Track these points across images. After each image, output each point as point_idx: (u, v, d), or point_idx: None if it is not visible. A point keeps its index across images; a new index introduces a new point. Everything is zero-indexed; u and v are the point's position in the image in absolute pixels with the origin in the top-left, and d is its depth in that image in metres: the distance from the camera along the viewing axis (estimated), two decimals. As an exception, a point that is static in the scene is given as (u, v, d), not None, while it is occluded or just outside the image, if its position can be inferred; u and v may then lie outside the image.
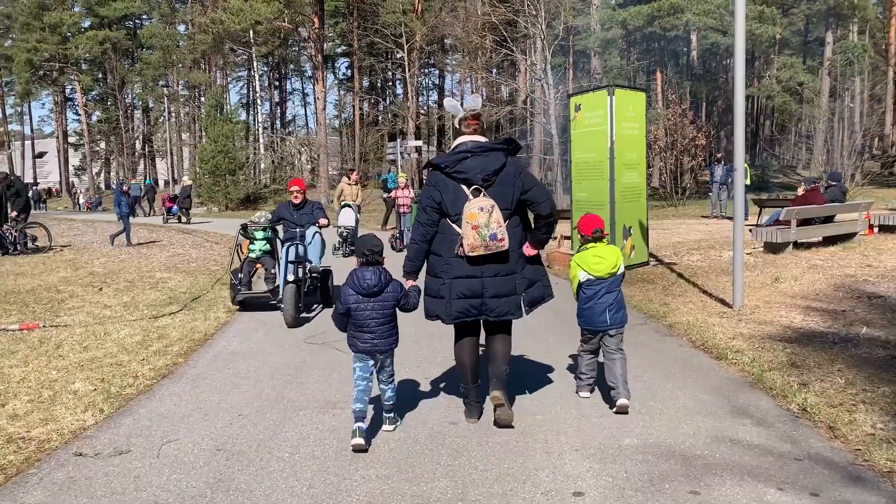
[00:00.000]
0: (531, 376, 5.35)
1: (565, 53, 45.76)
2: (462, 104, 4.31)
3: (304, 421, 4.33)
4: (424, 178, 7.84)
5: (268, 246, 8.48)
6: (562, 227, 17.05)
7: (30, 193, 46.58)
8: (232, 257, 8.72)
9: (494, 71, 37.89)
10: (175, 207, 26.03)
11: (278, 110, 58.92)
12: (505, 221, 3.95)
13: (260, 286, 8.21)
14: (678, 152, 26.84)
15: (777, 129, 45.92)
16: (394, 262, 4.49)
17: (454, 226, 4.02)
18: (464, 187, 4.00)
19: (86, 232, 21.24)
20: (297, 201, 8.24)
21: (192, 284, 9.94)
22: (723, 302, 7.86)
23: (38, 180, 70.72)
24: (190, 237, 18.69)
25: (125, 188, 16.40)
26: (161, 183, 56.12)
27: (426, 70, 54.32)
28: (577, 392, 4.78)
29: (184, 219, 25.56)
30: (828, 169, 21.24)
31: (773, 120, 47.65)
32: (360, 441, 3.77)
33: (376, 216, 26.04)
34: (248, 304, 8.25)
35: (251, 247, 8.44)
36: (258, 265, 8.34)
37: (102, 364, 5.64)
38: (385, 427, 4.14)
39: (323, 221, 8.12)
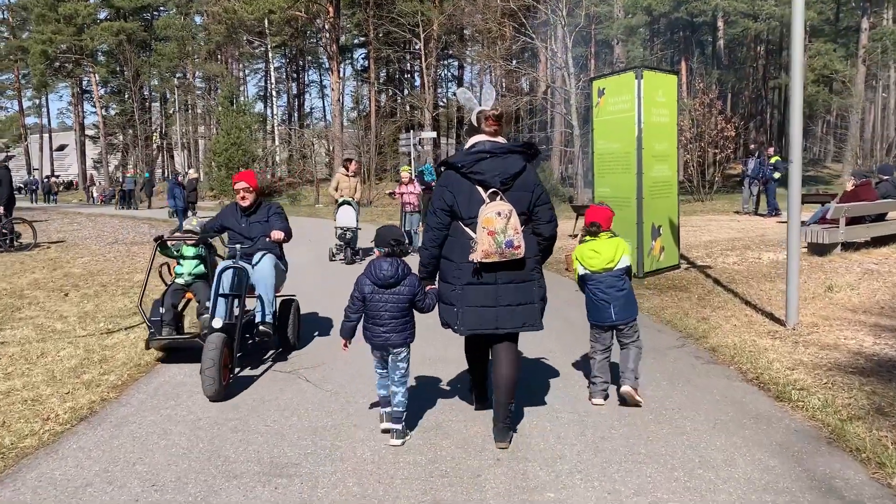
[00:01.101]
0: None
1: (586, 43, 44.36)
2: (480, 96, 3.99)
3: (232, 498, 3.25)
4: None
5: (201, 268, 6.03)
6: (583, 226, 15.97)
7: (38, 186, 46.51)
8: (145, 283, 5.83)
9: (514, 60, 36.56)
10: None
11: (296, 102, 58.13)
12: (521, 227, 3.74)
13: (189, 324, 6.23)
14: (705, 144, 25.45)
15: (805, 120, 44.04)
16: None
17: (467, 229, 3.80)
18: (480, 189, 3.79)
19: (85, 227, 20.43)
20: (245, 203, 5.81)
21: (169, 289, 8.91)
22: (772, 318, 6.67)
23: (59, 173, 70.78)
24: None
25: (180, 179, 15.07)
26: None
27: (445, 62, 53.24)
28: (590, 398, 4.51)
29: (190, 212, 24.62)
30: (871, 163, 19.73)
31: (809, 110, 45.82)
32: (389, 425, 3.89)
33: (377, 215, 24.92)
34: (173, 350, 5.78)
35: (177, 269, 6.12)
36: (187, 294, 5.94)
37: (15, 400, 4.60)
38: (391, 441, 3.84)
39: (277, 235, 5.61)
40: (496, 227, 3.62)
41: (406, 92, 48.61)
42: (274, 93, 51.30)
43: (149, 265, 5.84)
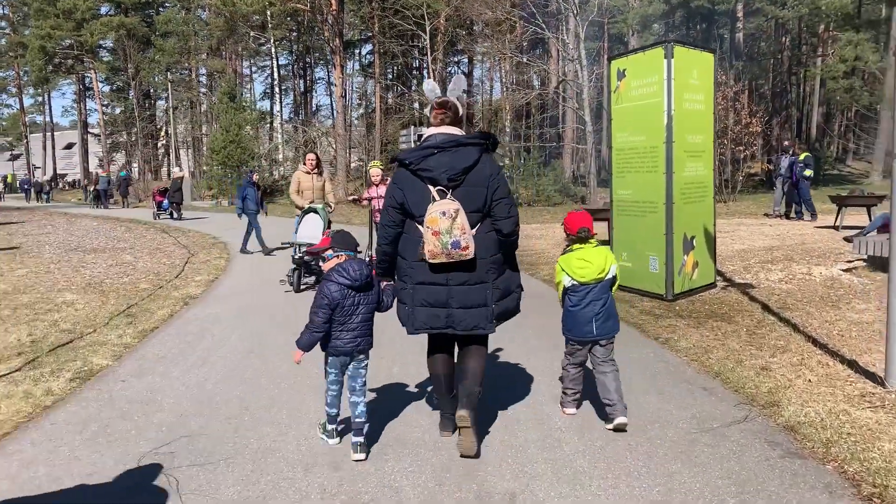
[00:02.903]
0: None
1: (599, 38, 42.51)
2: (448, 87, 3.86)
3: None
4: None
5: None
6: (600, 231, 14.11)
7: (29, 185, 45.21)
8: None
9: (524, 52, 34.78)
10: (166, 202, 23.57)
11: (303, 99, 56.64)
12: (475, 226, 3.59)
13: None
14: (729, 140, 23.57)
15: (823, 116, 41.98)
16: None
17: (419, 227, 3.61)
18: (430, 187, 3.58)
19: (58, 230, 18.86)
20: None
21: (90, 316, 7.26)
22: (858, 369, 4.92)
23: (66, 171, 69.67)
24: (162, 238, 16.13)
25: (254, 177, 13.29)
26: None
27: (454, 59, 51.54)
28: (561, 408, 4.36)
29: (175, 214, 23.07)
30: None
31: (826, 107, 43.69)
32: (336, 441, 3.78)
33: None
34: None
35: None
36: None
37: None
38: (355, 456, 3.66)
39: None
40: (441, 227, 3.47)
41: (413, 87, 46.95)
42: (277, 90, 49.70)
43: None
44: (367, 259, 7.98)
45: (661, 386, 4.79)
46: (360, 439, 3.68)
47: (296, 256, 8.47)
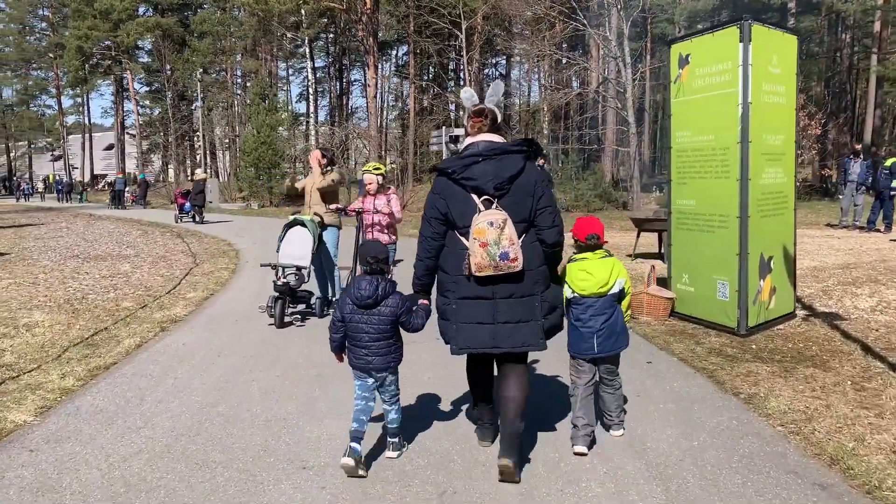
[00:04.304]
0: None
1: (642, 38, 40.72)
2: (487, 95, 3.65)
3: None
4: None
5: None
6: (649, 244, 12.85)
7: (62, 185, 45.17)
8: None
9: (563, 59, 33.18)
10: (188, 204, 22.68)
11: (339, 101, 55.90)
12: (520, 236, 3.41)
13: None
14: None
15: (880, 119, 39.41)
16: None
17: (462, 239, 3.46)
18: (474, 196, 3.44)
19: (71, 233, 18.03)
20: None
21: (45, 344, 6.13)
22: None
23: (107, 171, 69.90)
24: (174, 244, 15.12)
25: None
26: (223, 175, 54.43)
27: (492, 60, 50.25)
28: (572, 445, 3.78)
29: (197, 217, 22.15)
30: None
31: (882, 109, 41.11)
32: (349, 461, 3.40)
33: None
34: None
35: None
36: None
37: None
38: (388, 454, 3.70)
39: None
40: (488, 238, 3.31)
41: (449, 89, 45.71)
42: (312, 91, 48.90)
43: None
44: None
45: (758, 480, 3.42)
46: (394, 439, 3.73)
47: (278, 282, 6.74)
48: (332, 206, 7.16)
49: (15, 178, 58.45)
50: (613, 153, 32.54)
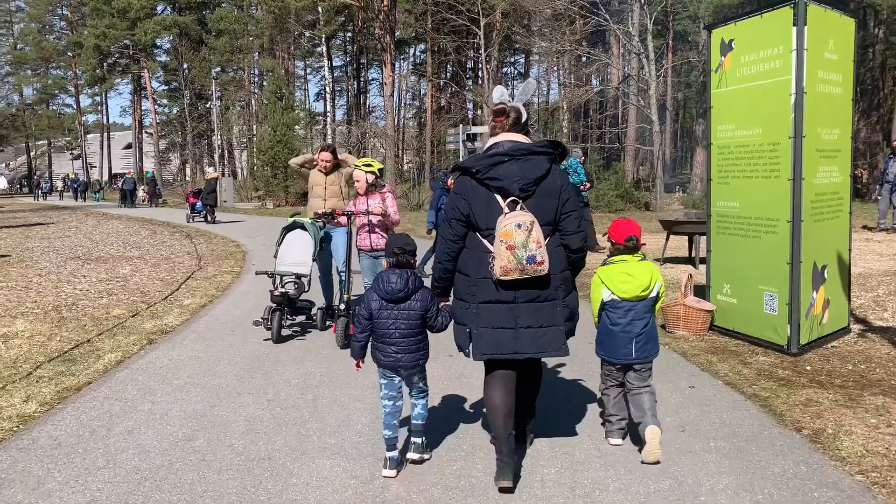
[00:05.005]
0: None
1: (663, 35, 39.78)
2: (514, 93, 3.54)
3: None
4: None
5: None
6: (679, 247, 12.06)
7: (77, 184, 45.08)
8: None
9: (583, 57, 32.33)
10: (199, 204, 22.22)
11: (357, 100, 55.43)
12: (546, 239, 3.30)
13: None
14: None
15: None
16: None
17: (484, 241, 3.35)
18: (498, 198, 3.32)
19: (78, 234, 17.59)
20: None
21: (19, 358, 5.57)
22: None
23: (126, 170, 70.04)
24: (181, 245, 14.61)
25: (449, 181, 11.26)
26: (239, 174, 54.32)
27: (511, 59, 49.52)
28: (606, 439, 3.86)
29: (209, 217, 21.68)
30: None
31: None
32: (391, 473, 3.36)
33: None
34: None
35: None
36: None
37: None
38: (410, 455, 3.51)
39: None
40: (516, 240, 3.18)
41: (468, 87, 45.02)
42: (329, 90, 48.43)
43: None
44: (342, 311, 5.96)
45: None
46: (418, 440, 3.55)
47: (276, 292, 6.04)
48: (320, 212, 6.44)
49: (34, 177, 58.62)
50: (635, 152, 31.73)
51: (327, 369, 5.19)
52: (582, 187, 11.85)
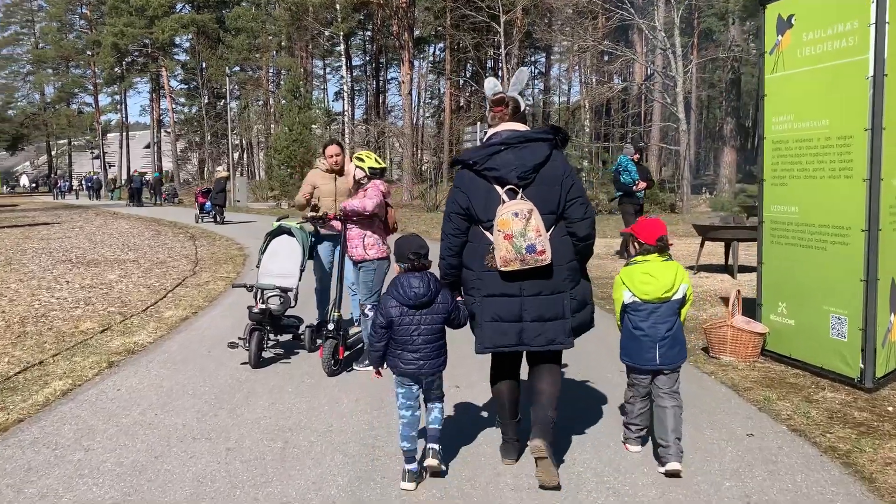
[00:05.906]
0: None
1: (688, 34, 38.61)
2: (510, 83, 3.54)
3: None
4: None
5: None
6: (716, 255, 10.72)
7: (91, 183, 44.85)
8: None
9: (605, 56, 31.34)
10: (208, 204, 21.55)
11: (376, 100, 54.80)
12: (549, 229, 3.23)
13: None
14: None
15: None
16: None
17: (486, 233, 3.29)
18: (497, 188, 3.27)
19: (79, 234, 16.98)
20: None
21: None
22: None
23: (147, 169, 69.95)
24: (182, 247, 13.89)
25: None
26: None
27: (531, 58, 48.58)
28: (624, 443, 3.79)
29: (218, 217, 21.00)
30: None
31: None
32: (410, 486, 3.23)
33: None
34: None
35: None
36: None
37: None
38: (429, 461, 3.33)
39: None
40: (513, 229, 3.13)
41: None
42: (347, 89, 47.79)
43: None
44: (330, 332, 5.05)
45: None
46: (435, 446, 3.37)
47: (255, 309, 5.21)
48: (310, 214, 5.52)
49: (52, 176, 58.65)
50: (660, 151, 30.69)
51: (308, 405, 4.35)
52: (634, 187, 10.83)
